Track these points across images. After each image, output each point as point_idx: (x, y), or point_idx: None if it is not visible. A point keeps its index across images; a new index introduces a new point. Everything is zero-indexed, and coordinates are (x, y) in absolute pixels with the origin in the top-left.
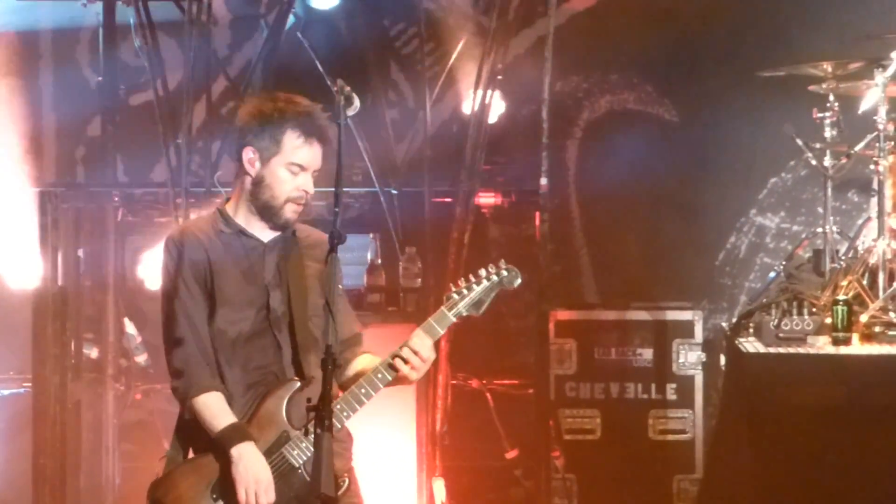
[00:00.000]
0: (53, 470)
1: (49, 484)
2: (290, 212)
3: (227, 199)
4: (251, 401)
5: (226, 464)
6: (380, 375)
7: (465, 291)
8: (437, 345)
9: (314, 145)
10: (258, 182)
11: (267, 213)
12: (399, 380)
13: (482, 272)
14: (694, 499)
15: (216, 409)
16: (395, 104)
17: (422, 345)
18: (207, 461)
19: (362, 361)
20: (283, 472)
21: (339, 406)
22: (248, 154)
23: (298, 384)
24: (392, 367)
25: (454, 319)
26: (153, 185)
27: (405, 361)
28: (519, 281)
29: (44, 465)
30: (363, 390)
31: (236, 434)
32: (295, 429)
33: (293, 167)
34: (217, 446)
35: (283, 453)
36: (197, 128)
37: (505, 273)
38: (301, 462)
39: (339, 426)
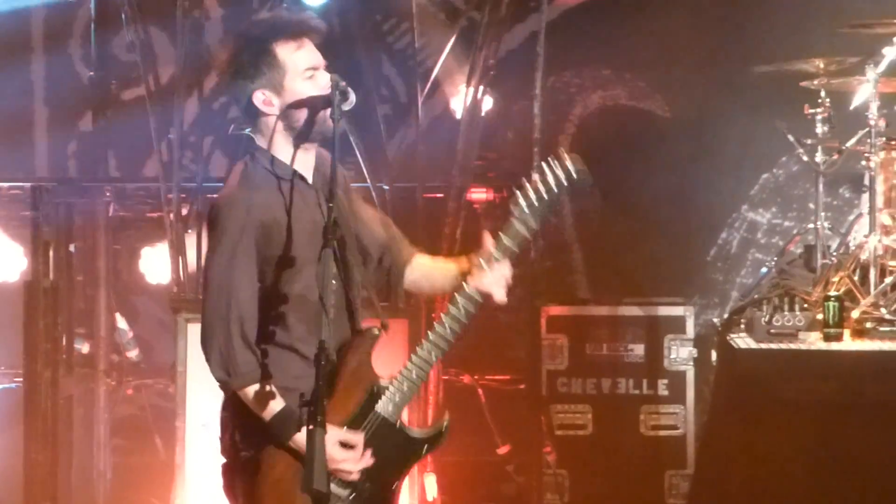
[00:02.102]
0: (45, 465)
1: (40, 479)
2: (327, 118)
3: (253, 152)
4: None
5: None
6: (464, 311)
7: (533, 199)
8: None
9: (307, 43)
10: (287, 112)
11: (312, 134)
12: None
13: (548, 170)
14: (685, 494)
15: (260, 399)
16: (387, 99)
17: (501, 268)
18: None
19: (420, 259)
20: (381, 431)
21: (425, 347)
22: (260, 97)
23: (376, 333)
24: (472, 300)
25: (529, 234)
26: (145, 179)
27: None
28: (577, 175)
29: (35, 459)
30: (448, 329)
31: (288, 423)
32: (384, 381)
33: (307, 72)
34: (273, 439)
35: (377, 411)
36: (189, 123)
37: (567, 171)
38: (397, 414)
39: (418, 384)
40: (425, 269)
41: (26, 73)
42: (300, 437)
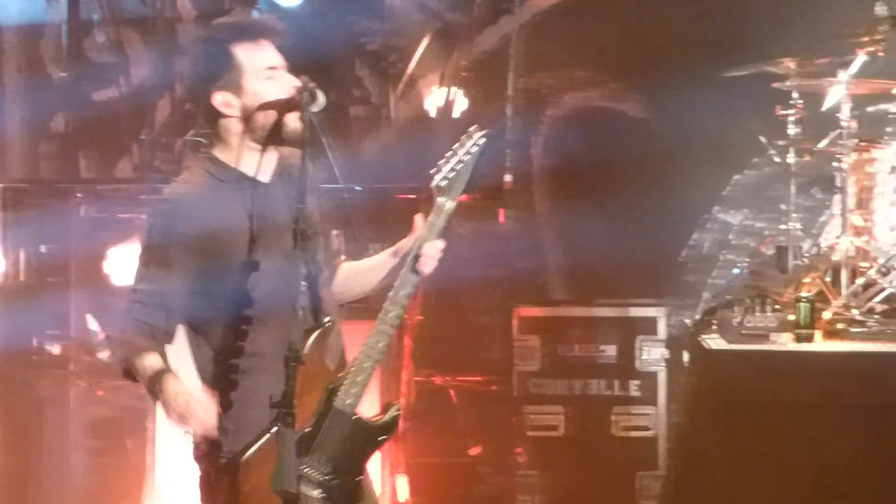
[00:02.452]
0: (16, 467)
1: (12, 481)
2: (294, 120)
3: (210, 147)
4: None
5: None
6: (402, 293)
7: (451, 175)
8: (399, 340)
9: (265, 44)
10: (247, 114)
11: (273, 136)
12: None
13: (455, 147)
14: (656, 495)
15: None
16: (360, 101)
17: (435, 246)
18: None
19: (345, 266)
20: (342, 425)
21: (372, 338)
22: (219, 98)
23: (326, 325)
24: (413, 280)
25: (454, 206)
26: (117, 181)
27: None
28: (497, 142)
29: (6, 461)
30: (391, 314)
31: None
32: (338, 375)
33: (265, 73)
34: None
35: (336, 406)
36: (161, 124)
37: (484, 140)
38: (354, 407)
39: (370, 373)
40: (351, 272)
41: None
42: (168, 385)
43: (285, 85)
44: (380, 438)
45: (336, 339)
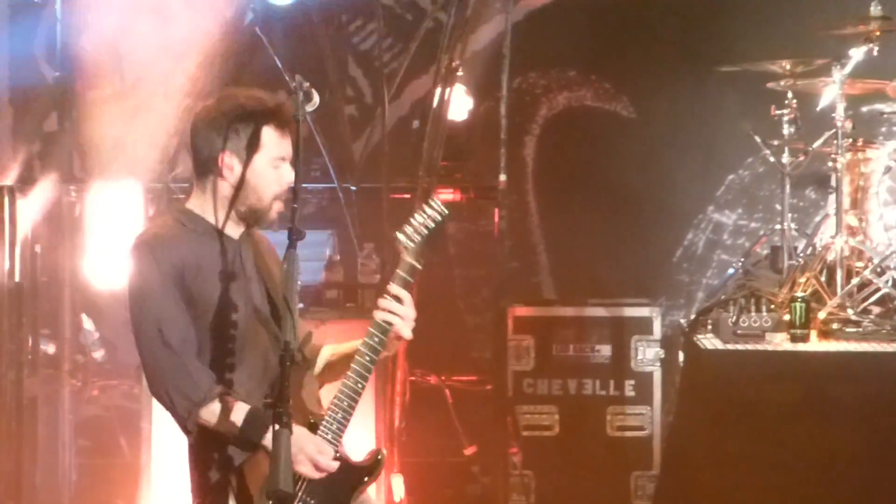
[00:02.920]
0: (9, 466)
1: (5, 480)
2: (275, 210)
3: (185, 201)
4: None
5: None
6: (376, 339)
7: (416, 237)
8: None
9: (287, 135)
10: (241, 186)
11: (253, 216)
12: (390, 344)
13: (417, 218)
14: (651, 495)
15: (225, 411)
16: (353, 100)
17: (402, 293)
18: (251, 466)
19: (326, 349)
20: None
21: (343, 392)
22: (226, 159)
23: (304, 365)
24: (384, 327)
25: (420, 267)
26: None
27: (394, 314)
28: (446, 213)
29: (1, 461)
30: (366, 358)
31: (259, 420)
32: (318, 413)
33: (276, 161)
34: (247, 444)
35: None
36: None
37: (438, 211)
38: (336, 445)
39: (350, 413)
40: (329, 356)
41: None
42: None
43: (283, 178)
44: (364, 479)
45: (311, 385)
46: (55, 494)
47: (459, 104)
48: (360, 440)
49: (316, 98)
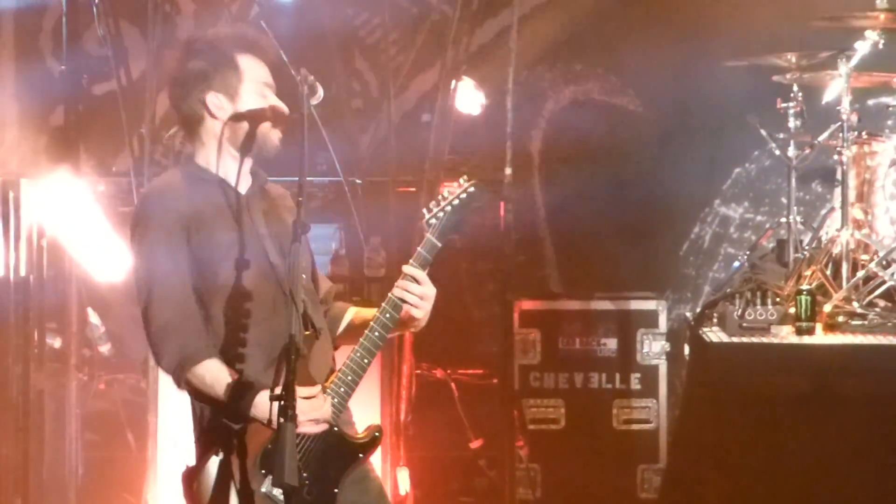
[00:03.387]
0: (16, 460)
1: (12, 474)
2: (276, 137)
3: (189, 155)
4: (274, 367)
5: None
6: (387, 315)
7: (440, 215)
8: (400, 335)
9: (263, 61)
10: (235, 120)
11: (254, 147)
12: (404, 323)
13: (446, 193)
14: (657, 488)
15: (218, 374)
16: (359, 94)
17: (418, 273)
18: (251, 433)
19: (351, 311)
20: (321, 436)
21: (348, 366)
22: (213, 99)
23: (309, 335)
24: (396, 304)
25: (440, 245)
26: (116, 175)
27: (408, 292)
28: (485, 195)
29: (6, 455)
30: (376, 333)
31: (247, 391)
32: (321, 386)
33: (261, 88)
34: (234, 415)
35: None
36: (160, 118)
37: (473, 189)
38: (335, 419)
39: (353, 386)
40: (352, 318)
41: None
42: (260, 402)
43: (274, 104)
44: (359, 455)
45: (323, 354)
46: (62, 488)
47: (471, 98)
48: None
49: (321, 92)
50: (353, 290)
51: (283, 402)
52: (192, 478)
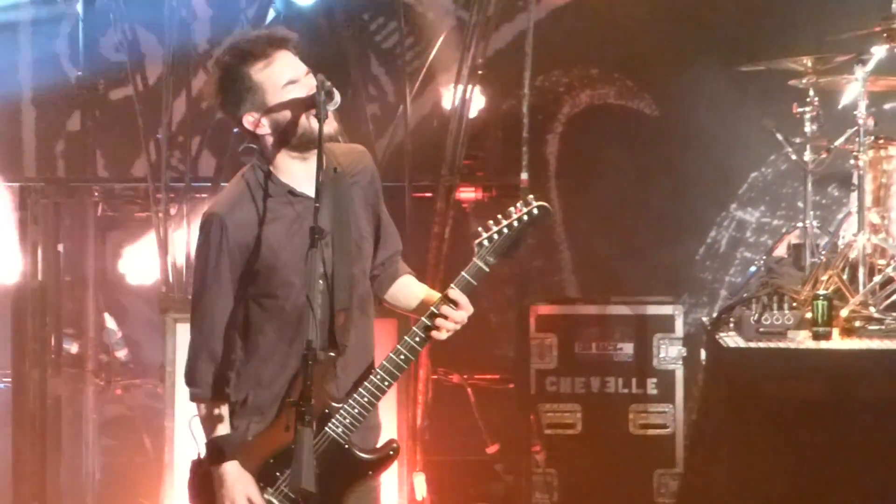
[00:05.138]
0: (33, 464)
1: (29, 478)
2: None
3: (251, 167)
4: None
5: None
6: (417, 339)
7: (495, 237)
8: None
9: (278, 57)
10: (277, 128)
11: (308, 142)
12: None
13: (511, 210)
14: (674, 493)
15: (214, 418)
16: (376, 99)
17: (461, 298)
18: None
19: (418, 289)
20: (330, 451)
21: (367, 388)
22: (249, 119)
23: (331, 355)
24: (429, 327)
25: (487, 270)
26: (133, 180)
27: (444, 318)
28: (550, 217)
29: (24, 459)
30: (402, 357)
31: (223, 448)
32: (335, 402)
33: (288, 88)
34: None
35: (327, 431)
36: (177, 123)
37: (536, 211)
38: (347, 437)
39: (369, 408)
40: (407, 289)
41: (14, 74)
42: (225, 470)
43: (306, 90)
44: (368, 473)
45: (350, 371)
46: (79, 493)
47: (477, 103)
48: (382, 439)
49: (338, 97)
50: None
51: (299, 408)
52: (198, 470)
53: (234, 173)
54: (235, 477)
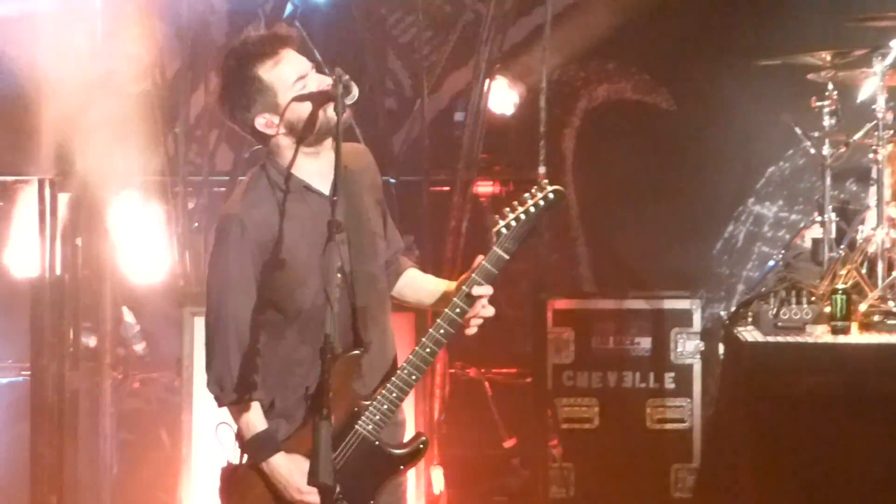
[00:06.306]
0: (51, 458)
1: (47, 472)
2: (330, 110)
3: (262, 166)
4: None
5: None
6: (442, 332)
7: (513, 224)
8: None
9: (284, 53)
10: (292, 125)
11: (323, 136)
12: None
13: (527, 196)
14: (691, 488)
15: (251, 417)
16: (393, 93)
17: (482, 290)
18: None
19: (432, 283)
20: (361, 449)
21: (395, 383)
22: (261, 121)
23: (356, 353)
24: (455, 321)
25: (507, 257)
26: (151, 174)
27: (478, 316)
28: (564, 201)
29: (41, 453)
30: (427, 350)
31: (265, 445)
32: (364, 400)
33: (297, 84)
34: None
35: (357, 429)
36: (195, 117)
37: (551, 196)
38: (377, 434)
39: (398, 403)
40: (414, 282)
41: (32, 67)
42: (275, 462)
43: (317, 85)
44: (399, 468)
45: (375, 368)
46: (96, 487)
47: (504, 97)
48: (407, 434)
49: (355, 91)
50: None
51: (317, 402)
52: (231, 476)
53: (251, 167)
54: (290, 465)
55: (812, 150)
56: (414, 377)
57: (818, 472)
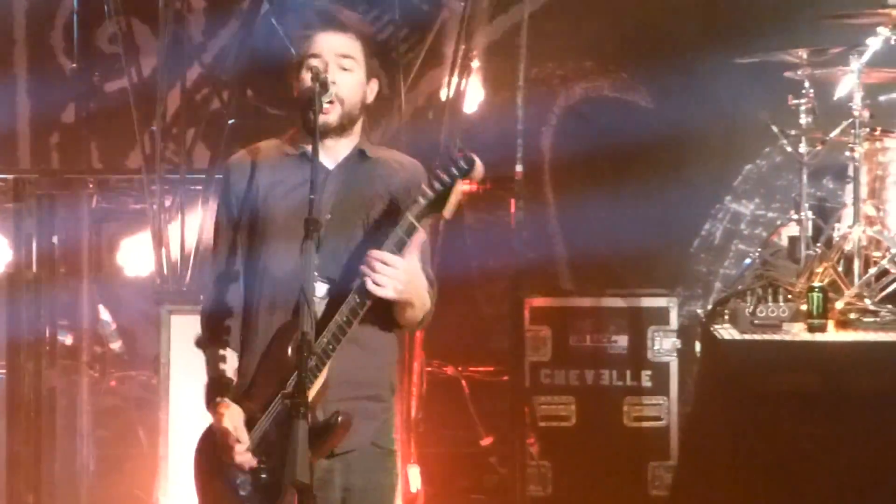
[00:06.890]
0: (28, 456)
1: (23, 470)
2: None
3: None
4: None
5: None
6: (356, 300)
7: (429, 192)
8: (410, 331)
9: (319, 32)
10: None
11: (346, 121)
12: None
13: (439, 171)
14: (668, 485)
15: (216, 359)
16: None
17: (384, 255)
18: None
19: None
20: (281, 418)
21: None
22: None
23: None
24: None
25: (418, 224)
26: (128, 171)
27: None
28: (479, 170)
29: (18, 451)
30: (344, 318)
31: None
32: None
33: (310, 60)
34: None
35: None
36: (171, 114)
37: (464, 165)
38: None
39: (316, 373)
40: None
41: (8, 66)
42: (221, 410)
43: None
44: (318, 441)
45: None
46: (73, 485)
47: (471, 95)
48: None
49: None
50: None
51: (294, 401)
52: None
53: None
54: (233, 410)
55: (789, 148)
56: (332, 347)
57: (795, 470)
